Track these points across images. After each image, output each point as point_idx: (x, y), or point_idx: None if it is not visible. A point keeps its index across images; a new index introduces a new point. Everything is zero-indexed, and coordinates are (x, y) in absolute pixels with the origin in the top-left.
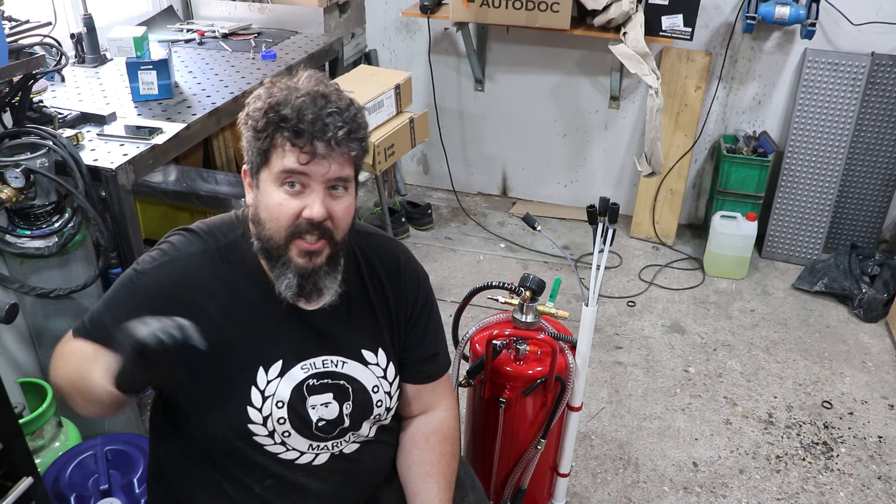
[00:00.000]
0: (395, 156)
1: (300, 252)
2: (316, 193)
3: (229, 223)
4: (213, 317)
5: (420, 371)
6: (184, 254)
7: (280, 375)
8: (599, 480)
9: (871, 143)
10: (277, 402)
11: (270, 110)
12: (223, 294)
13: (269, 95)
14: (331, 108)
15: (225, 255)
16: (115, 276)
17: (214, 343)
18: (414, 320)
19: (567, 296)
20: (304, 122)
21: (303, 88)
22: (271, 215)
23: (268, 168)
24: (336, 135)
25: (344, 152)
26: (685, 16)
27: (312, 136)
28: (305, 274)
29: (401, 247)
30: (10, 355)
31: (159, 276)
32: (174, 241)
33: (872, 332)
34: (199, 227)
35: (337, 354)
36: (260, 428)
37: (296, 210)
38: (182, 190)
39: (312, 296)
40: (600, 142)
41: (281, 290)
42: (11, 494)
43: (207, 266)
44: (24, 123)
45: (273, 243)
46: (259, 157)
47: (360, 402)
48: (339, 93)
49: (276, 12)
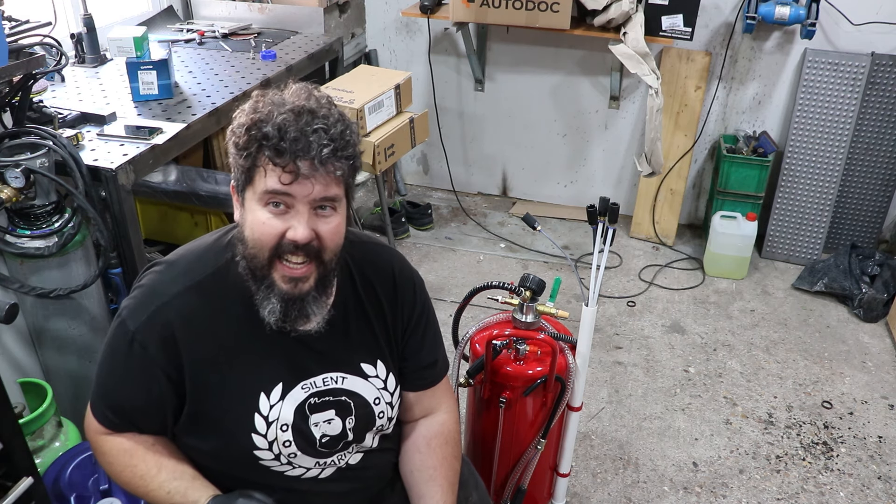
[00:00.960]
0: (395, 156)
1: (284, 278)
2: (301, 214)
3: (215, 249)
4: (210, 351)
5: (421, 378)
6: (170, 295)
7: (282, 398)
8: (599, 480)
9: (871, 143)
10: (282, 426)
11: (253, 127)
12: (217, 326)
13: (253, 111)
14: (316, 125)
15: (212, 285)
16: (114, 277)
17: (214, 377)
18: (412, 329)
19: (567, 296)
20: (286, 141)
21: (288, 103)
22: (254, 234)
23: (252, 187)
24: (320, 154)
25: (330, 171)
26: (685, 16)
27: (295, 154)
28: (290, 300)
29: (395, 254)
30: (10, 355)
31: (152, 327)
32: (154, 282)
33: (872, 332)
34: (178, 260)
35: (336, 370)
36: (266, 453)
37: (279, 231)
38: (182, 190)
39: (298, 321)
40: (600, 142)
41: (264, 315)
42: (11, 494)
43: (196, 302)
44: (24, 123)
45: (257, 262)
46: (243, 175)
47: (362, 415)
48: (328, 107)
49: (276, 12)
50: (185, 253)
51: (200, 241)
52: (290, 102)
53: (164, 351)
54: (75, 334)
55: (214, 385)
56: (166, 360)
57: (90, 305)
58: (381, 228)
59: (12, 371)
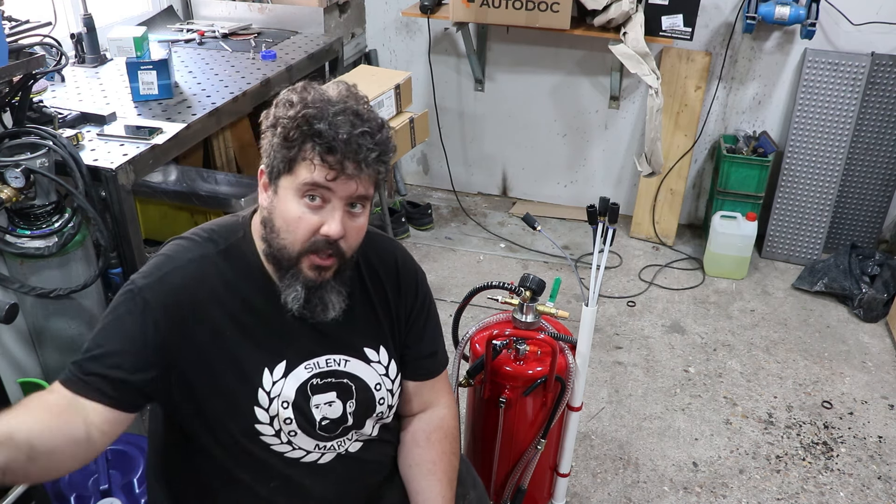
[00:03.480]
0: (395, 156)
1: (312, 266)
2: (337, 210)
3: (230, 226)
4: (218, 323)
5: (420, 368)
6: (182, 261)
7: (285, 376)
8: (599, 480)
9: (871, 143)
10: (283, 403)
11: (305, 122)
12: (227, 299)
13: (303, 104)
14: (364, 128)
15: (227, 259)
16: (114, 277)
17: (221, 349)
18: (414, 318)
19: (567, 296)
20: (338, 141)
21: (338, 103)
22: (288, 226)
23: (291, 176)
24: (367, 157)
25: (371, 174)
26: (685, 16)
27: (344, 155)
28: (314, 287)
29: (398, 245)
30: (10, 355)
31: (159, 290)
32: (170, 251)
33: (872, 332)
34: (195, 233)
35: (340, 353)
36: (267, 427)
37: (314, 225)
38: (182, 190)
39: (317, 309)
40: (600, 142)
41: (287, 301)
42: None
43: (209, 271)
44: (24, 123)
45: (286, 254)
46: (283, 163)
47: (363, 399)
48: (370, 111)
49: (276, 12)
50: (199, 230)
51: (216, 221)
52: (339, 102)
53: (167, 310)
54: (75, 334)
55: (218, 355)
56: (166, 317)
57: (90, 305)
58: (381, 228)
59: (12, 371)
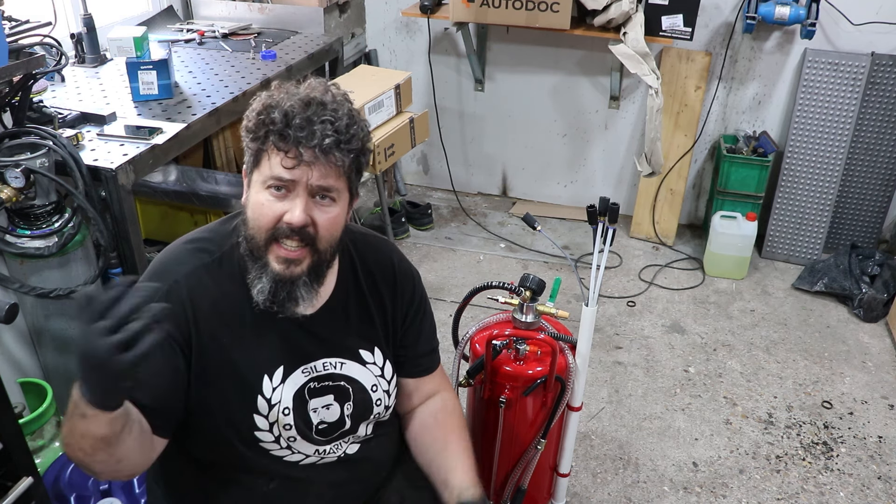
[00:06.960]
0: (395, 156)
1: (278, 258)
2: (299, 199)
3: (225, 233)
4: (218, 333)
5: (418, 365)
6: (181, 275)
7: (283, 381)
8: (599, 480)
9: (871, 143)
10: (283, 409)
11: (263, 112)
12: (225, 308)
13: (268, 97)
14: (324, 116)
15: (221, 267)
16: (114, 277)
17: (219, 358)
18: (410, 320)
19: (567, 296)
20: (291, 127)
21: (301, 94)
22: (254, 215)
23: (258, 170)
24: (322, 143)
25: (331, 162)
26: (685, 16)
27: (298, 141)
28: (280, 281)
29: (393, 247)
30: (10, 355)
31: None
32: (164, 259)
33: (872, 332)
34: (191, 241)
35: (335, 356)
36: (266, 434)
37: (277, 213)
38: (182, 190)
39: (286, 304)
40: (600, 142)
41: (254, 294)
42: (11, 494)
43: (207, 282)
44: (24, 123)
45: (254, 243)
46: (251, 158)
47: (360, 401)
48: (341, 103)
49: (276, 12)
50: (194, 237)
51: (211, 226)
52: (303, 93)
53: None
54: (75, 334)
55: (218, 364)
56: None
57: None
58: (381, 228)
59: (12, 371)
